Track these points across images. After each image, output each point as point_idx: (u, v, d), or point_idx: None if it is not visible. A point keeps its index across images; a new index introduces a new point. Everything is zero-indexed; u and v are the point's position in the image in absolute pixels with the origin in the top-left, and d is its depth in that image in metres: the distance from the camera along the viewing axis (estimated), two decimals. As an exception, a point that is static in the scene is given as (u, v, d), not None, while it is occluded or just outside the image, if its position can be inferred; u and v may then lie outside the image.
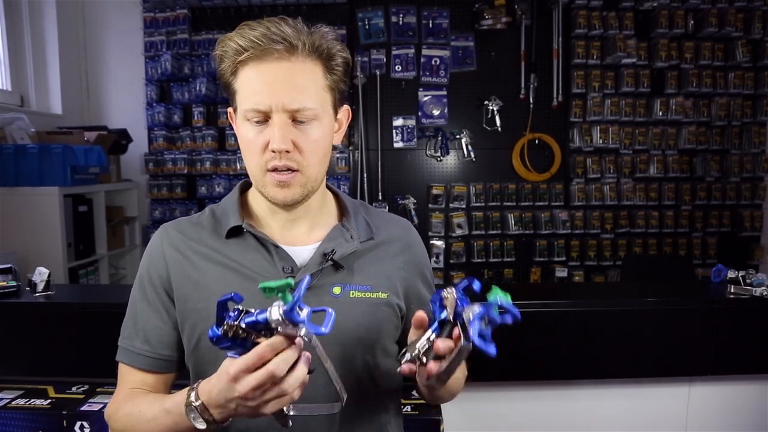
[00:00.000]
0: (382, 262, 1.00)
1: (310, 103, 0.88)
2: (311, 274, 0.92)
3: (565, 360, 1.66)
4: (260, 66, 0.87)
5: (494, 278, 3.67)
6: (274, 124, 0.87)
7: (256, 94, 0.87)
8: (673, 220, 3.67)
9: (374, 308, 0.96)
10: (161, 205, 3.65)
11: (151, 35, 3.56)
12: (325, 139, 0.93)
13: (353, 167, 3.62)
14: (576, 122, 3.60)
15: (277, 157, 0.88)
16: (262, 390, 0.73)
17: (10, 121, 2.84)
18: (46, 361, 1.63)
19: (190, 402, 0.79)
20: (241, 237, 0.96)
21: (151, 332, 0.97)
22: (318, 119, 0.90)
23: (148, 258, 0.99)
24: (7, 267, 1.72)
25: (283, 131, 0.87)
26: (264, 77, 0.87)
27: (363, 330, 0.95)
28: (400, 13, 3.50)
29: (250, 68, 0.88)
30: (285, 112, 0.87)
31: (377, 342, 0.98)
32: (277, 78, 0.87)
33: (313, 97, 0.89)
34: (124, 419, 0.93)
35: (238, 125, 0.93)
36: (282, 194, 0.91)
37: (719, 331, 1.64)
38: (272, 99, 0.86)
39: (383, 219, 1.07)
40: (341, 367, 0.93)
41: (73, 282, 2.87)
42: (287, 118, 0.88)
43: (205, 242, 0.97)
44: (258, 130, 0.89)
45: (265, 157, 0.89)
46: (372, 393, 0.99)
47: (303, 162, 0.90)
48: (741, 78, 3.54)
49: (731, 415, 1.75)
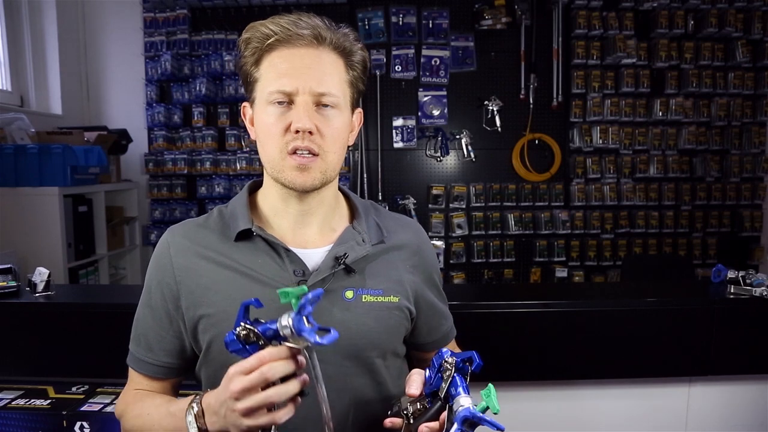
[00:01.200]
0: (394, 266, 1.00)
1: (334, 89, 0.90)
2: (323, 278, 0.92)
3: (565, 360, 1.65)
4: (289, 50, 0.89)
5: (494, 278, 3.68)
6: (299, 106, 0.88)
7: (283, 76, 0.88)
8: (673, 220, 3.67)
9: (386, 312, 0.97)
10: (161, 205, 3.64)
11: (151, 35, 3.56)
12: (344, 130, 0.95)
13: (353, 167, 3.62)
14: (576, 122, 3.60)
15: (299, 138, 0.88)
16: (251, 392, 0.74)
17: (10, 121, 2.84)
18: (46, 361, 1.63)
19: (191, 407, 0.82)
20: (250, 240, 0.95)
21: (152, 339, 0.98)
22: (339, 108, 0.92)
23: (155, 265, 0.98)
24: (7, 267, 1.72)
25: (309, 112, 0.88)
26: (292, 61, 0.88)
27: (375, 334, 0.95)
28: (400, 13, 3.50)
29: (278, 54, 0.89)
30: (310, 95, 0.88)
31: (388, 345, 0.99)
32: (305, 62, 0.89)
33: (337, 85, 0.91)
34: (132, 420, 0.96)
35: (258, 111, 0.93)
36: (301, 178, 0.90)
37: (719, 331, 1.64)
38: (299, 81, 0.88)
39: (394, 222, 1.07)
40: (354, 370, 0.94)
41: (73, 282, 2.87)
42: (312, 101, 0.89)
43: (214, 246, 0.96)
44: (280, 112, 0.89)
45: (285, 138, 0.89)
46: (384, 394, 0.99)
47: (324, 147, 0.90)
48: (741, 78, 3.54)
49: (731, 415, 1.75)
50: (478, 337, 1.58)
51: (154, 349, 0.98)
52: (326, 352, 0.88)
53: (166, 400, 0.94)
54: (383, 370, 0.99)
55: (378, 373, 0.98)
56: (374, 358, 0.96)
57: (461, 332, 1.19)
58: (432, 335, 1.09)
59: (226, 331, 0.77)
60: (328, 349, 0.88)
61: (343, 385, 0.94)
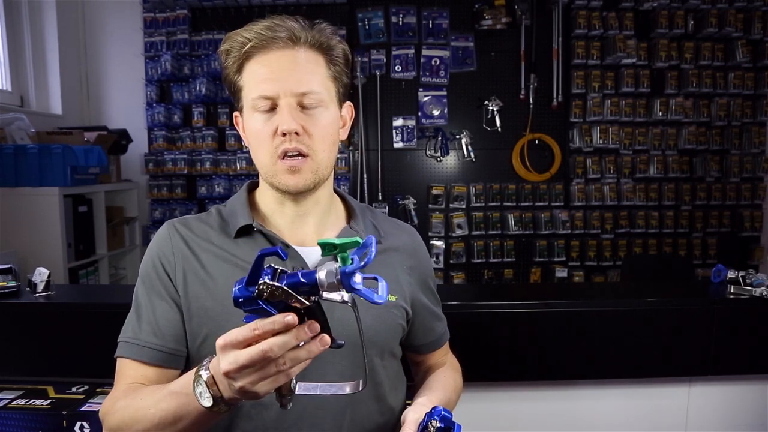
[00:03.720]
0: (390, 267, 1.01)
1: (316, 87, 0.90)
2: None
3: (565, 360, 1.65)
4: (266, 55, 0.89)
5: (494, 278, 3.68)
6: (282, 109, 0.88)
7: (263, 82, 0.88)
8: (673, 220, 3.67)
9: (384, 311, 0.97)
10: (161, 206, 3.65)
11: (151, 35, 3.56)
12: (333, 127, 0.94)
13: (353, 167, 3.62)
14: (576, 122, 3.60)
15: (287, 140, 0.89)
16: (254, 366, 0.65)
17: (10, 121, 2.84)
18: (46, 361, 1.63)
19: (199, 375, 0.72)
20: (250, 236, 0.96)
21: (161, 322, 0.93)
22: (324, 106, 0.92)
23: (155, 249, 0.96)
24: (7, 267, 1.72)
25: (292, 114, 0.88)
26: (270, 65, 0.89)
27: (373, 332, 0.95)
28: (400, 13, 3.50)
29: (256, 60, 0.89)
30: (292, 96, 0.88)
31: (386, 344, 0.99)
32: (282, 65, 0.89)
33: (319, 83, 0.91)
34: (121, 411, 0.86)
35: (246, 119, 0.93)
36: (294, 180, 0.91)
37: (719, 331, 1.64)
38: (279, 84, 0.88)
39: (390, 224, 1.08)
40: (352, 368, 0.94)
41: (73, 282, 2.87)
42: (295, 103, 0.89)
43: (213, 241, 0.96)
44: (266, 118, 0.90)
45: (274, 143, 0.89)
46: (381, 394, 1.00)
47: (313, 146, 0.91)
48: (741, 78, 3.54)
49: (731, 415, 1.75)
50: (478, 337, 1.58)
51: (160, 334, 0.92)
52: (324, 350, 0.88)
53: (162, 385, 0.86)
54: (381, 371, 0.99)
55: (376, 372, 0.98)
56: (372, 357, 0.96)
57: (461, 332, 1.19)
58: (427, 337, 1.10)
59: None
60: None
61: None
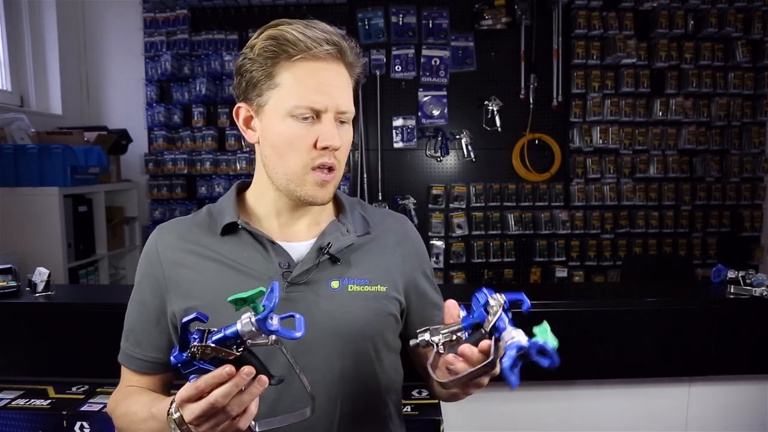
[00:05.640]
0: (381, 256, 1.01)
1: (350, 106, 0.93)
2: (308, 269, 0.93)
3: (565, 360, 1.65)
4: (315, 65, 0.89)
5: (494, 278, 3.68)
6: (326, 123, 0.90)
7: (312, 93, 0.88)
8: (673, 220, 3.67)
9: (373, 301, 0.97)
10: (161, 206, 3.65)
11: (151, 35, 3.56)
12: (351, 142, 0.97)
13: (353, 167, 3.63)
14: (576, 122, 3.60)
15: (327, 155, 0.90)
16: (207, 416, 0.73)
17: (10, 121, 2.84)
18: (46, 361, 1.63)
19: (171, 414, 0.77)
20: (236, 234, 0.97)
21: (141, 335, 0.99)
22: (350, 123, 0.95)
23: (144, 260, 1.00)
24: (7, 267, 1.72)
25: (337, 129, 0.90)
26: (320, 77, 0.89)
27: (362, 323, 0.95)
28: (399, 13, 3.50)
29: (302, 66, 0.89)
30: (335, 112, 0.90)
31: (377, 335, 0.98)
32: (332, 80, 0.90)
33: (350, 101, 0.94)
34: (121, 418, 0.95)
35: (273, 122, 0.91)
36: (322, 193, 0.93)
37: (719, 331, 1.64)
38: (330, 99, 0.89)
39: (379, 214, 1.08)
40: (342, 361, 0.94)
41: (73, 282, 2.87)
42: (334, 119, 0.91)
43: (200, 241, 0.97)
44: (304, 127, 0.89)
45: (311, 154, 0.90)
46: (373, 387, 0.99)
47: (340, 160, 0.93)
48: (741, 78, 3.54)
49: (731, 415, 1.75)
50: (478, 337, 1.58)
51: (142, 345, 0.99)
52: (311, 343, 0.88)
53: (151, 399, 0.92)
54: (375, 363, 0.98)
55: (369, 365, 0.97)
56: (363, 349, 0.96)
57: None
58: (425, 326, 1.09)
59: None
60: (314, 339, 0.88)
61: (330, 378, 0.93)
